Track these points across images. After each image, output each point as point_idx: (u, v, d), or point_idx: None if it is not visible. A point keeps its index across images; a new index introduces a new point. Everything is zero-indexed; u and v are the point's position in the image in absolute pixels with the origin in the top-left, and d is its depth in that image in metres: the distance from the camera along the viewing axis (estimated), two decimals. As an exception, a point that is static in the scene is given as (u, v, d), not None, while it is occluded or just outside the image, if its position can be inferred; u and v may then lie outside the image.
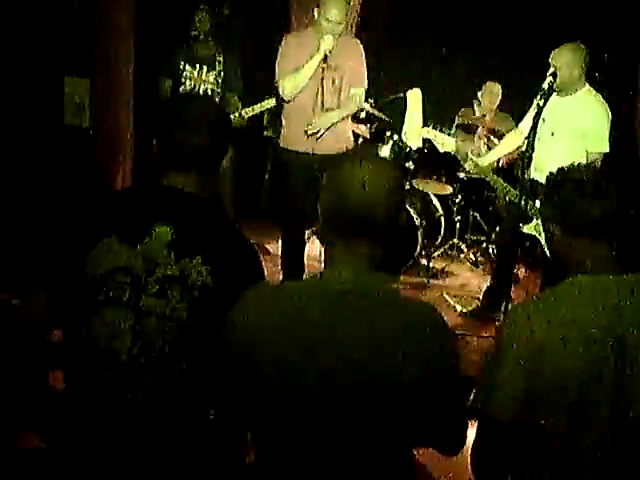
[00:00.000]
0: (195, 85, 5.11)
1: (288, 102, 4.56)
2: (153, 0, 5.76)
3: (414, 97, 6.24)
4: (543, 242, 4.35)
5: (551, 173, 1.89)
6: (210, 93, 5.13)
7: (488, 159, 4.96)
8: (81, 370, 1.94)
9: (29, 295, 2.03)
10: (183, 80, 5.09)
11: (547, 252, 4.29)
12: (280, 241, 4.83)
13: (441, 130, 5.05)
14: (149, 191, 2.00)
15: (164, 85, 5.10)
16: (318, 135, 4.44)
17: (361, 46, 4.66)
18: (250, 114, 5.19)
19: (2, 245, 4.66)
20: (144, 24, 5.48)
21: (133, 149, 5.41)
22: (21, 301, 2.03)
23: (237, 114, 5.11)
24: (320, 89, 4.42)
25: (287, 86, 4.44)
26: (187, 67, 5.09)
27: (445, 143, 4.74)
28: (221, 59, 5.16)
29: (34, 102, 5.10)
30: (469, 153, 4.71)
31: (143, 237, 1.86)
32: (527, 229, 4.43)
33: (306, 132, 4.45)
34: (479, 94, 6.25)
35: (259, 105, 5.19)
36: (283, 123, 4.66)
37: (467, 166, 4.70)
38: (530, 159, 4.11)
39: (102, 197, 2.02)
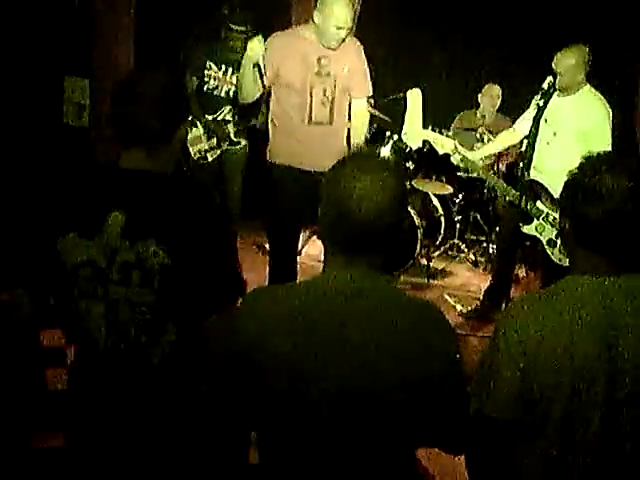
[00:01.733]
0: (218, 85, 5.16)
1: (274, 116, 4.13)
2: (153, 0, 5.77)
3: (414, 97, 6.24)
4: (544, 242, 4.38)
5: (586, 158, 1.76)
6: (232, 95, 5.16)
7: (478, 154, 4.95)
8: (76, 363, 1.99)
9: (8, 296, 2.05)
10: (207, 79, 5.13)
11: (548, 252, 4.35)
12: (268, 255, 4.45)
13: (440, 132, 5.04)
14: (102, 178, 1.98)
15: (191, 82, 5.11)
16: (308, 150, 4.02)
17: (360, 46, 4.16)
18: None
19: (2, 244, 4.66)
20: (144, 24, 5.48)
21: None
22: (9, 298, 2.04)
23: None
24: (309, 101, 3.97)
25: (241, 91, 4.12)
26: (213, 67, 5.14)
27: (445, 145, 4.73)
28: None
29: (34, 102, 5.10)
30: (457, 146, 4.64)
31: (99, 228, 1.87)
32: (527, 230, 4.44)
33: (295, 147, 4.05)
34: (479, 96, 6.25)
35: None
36: (270, 136, 4.20)
37: (454, 159, 4.63)
38: (531, 159, 4.12)
39: (59, 193, 2.00)
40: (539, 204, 4.38)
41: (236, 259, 1.98)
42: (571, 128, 4.24)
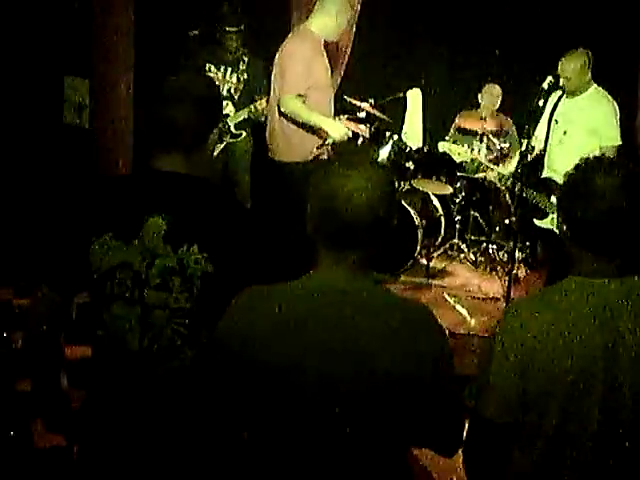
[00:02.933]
0: (219, 85, 5.21)
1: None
2: (153, 1, 5.77)
3: (414, 97, 6.26)
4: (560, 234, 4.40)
5: (575, 167, 1.79)
6: (232, 92, 5.29)
7: (511, 166, 5.00)
8: (99, 363, 1.97)
9: (33, 294, 2.03)
10: None
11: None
12: None
13: (455, 143, 5.12)
14: (140, 180, 1.96)
15: None
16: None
17: None
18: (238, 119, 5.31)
19: (2, 244, 4.67)
20: (144, 24, 5.48)
21: (132, 149, 5.42)
22: (29, 301, 2.03)
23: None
24: (331, 98, 4.42)
25: (292, 107, 4.31)
26: (212, 68, 5.27)
27: (461, 154, 4.79)
28: (246, 59, 5.31)
29: (34, 102, 5.10)
30: (485, 161, 4.74)
31: (138, 231, 1.85)
32: (542, 224, 4.45)
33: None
34: (479, 96, 6.25)
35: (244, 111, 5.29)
36: (294, 138, 4.43)
37: (489, 176, 4.75)
38: (543, 158, 4.19)
39: (95, 193, 1.98)
40: (553, 199, 4.40)
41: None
42: (581, 126, 4.30)
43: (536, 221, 4.48)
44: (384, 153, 5.65)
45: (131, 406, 1.91)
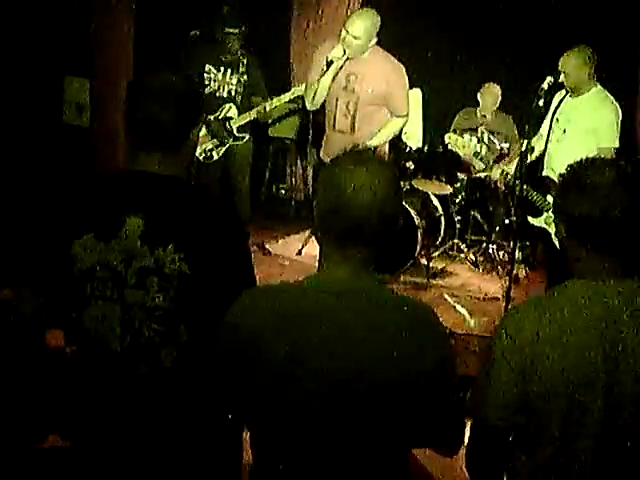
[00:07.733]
0: (219, 86, 5.24)
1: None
2: (153, 1, 5.77)
3: (414, 97, 6.24)
4: (552, 233, 4.38)
5: (570, 165, 1.80)
6: (233, 94, 5.27)
7: (511, 166, 4.99)
8: (80, 363, 1.97)
9: (21, 292, 2.04)
10: (207, 82, 5.20)
11: (555, 242, 4.36)
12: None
13: (461, 135, 5.08)
14: (119, 181, 1.96)
15: None
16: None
17: (400, 69, 4.44)
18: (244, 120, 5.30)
19: (3, 244, 4.67)
20: (144, 24, 5.49)
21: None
22: (12, 296, 2.03)
23: (261, 110, 5.25)
24: (334, 110, 4.39)
25: (306, 98, 4.50)
26: (212, 69, 5.22)
27: (466, 147, 4.76)
28: (245, 61, 5.28)
29: (34, 102, 5.11)
30: (491, 160, 4.72)
31: (116, 231, 1.86)
32: (536, 222, 4.44)
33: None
34: (478, 95, 6.24)
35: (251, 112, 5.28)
36: None
37: (494, 174, 4.73)
38: (543, 157, 4.23)
39: (75, 193, 1.99)
40: (549, 197, 4.40)
41: (251, 264, 1.97)
42: (580, 126, 4.27)
43: (530, 218, 4.48)
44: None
45: (116, 405, 1.92)
